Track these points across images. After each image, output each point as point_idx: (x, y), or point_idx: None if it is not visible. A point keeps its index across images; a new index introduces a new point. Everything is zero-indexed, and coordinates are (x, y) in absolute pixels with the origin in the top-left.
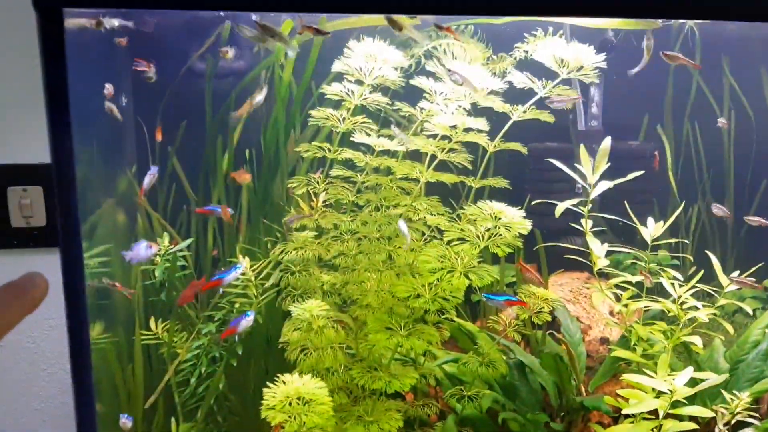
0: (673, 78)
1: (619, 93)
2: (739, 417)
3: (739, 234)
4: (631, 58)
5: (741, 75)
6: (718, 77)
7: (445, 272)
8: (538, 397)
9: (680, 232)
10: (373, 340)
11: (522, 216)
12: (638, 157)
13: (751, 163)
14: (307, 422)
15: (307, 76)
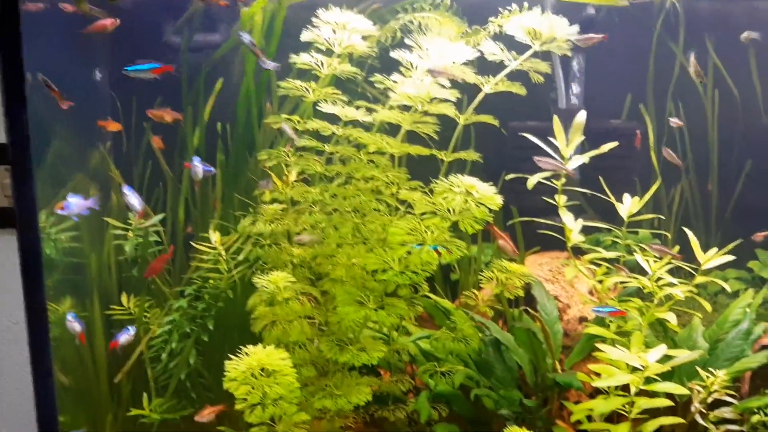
0: (655, 57)
1: (601, 72)
2: (716, 396)
3: (724, 214)
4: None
5: (726, 52)
6: (703, 55)
7: (415, 245)
8: (514, 374)
9: (663, 211)
10: (342, 313)
11: (494, 191)
12: (620, 136)
13: (736, 142)
14: (270, 394)
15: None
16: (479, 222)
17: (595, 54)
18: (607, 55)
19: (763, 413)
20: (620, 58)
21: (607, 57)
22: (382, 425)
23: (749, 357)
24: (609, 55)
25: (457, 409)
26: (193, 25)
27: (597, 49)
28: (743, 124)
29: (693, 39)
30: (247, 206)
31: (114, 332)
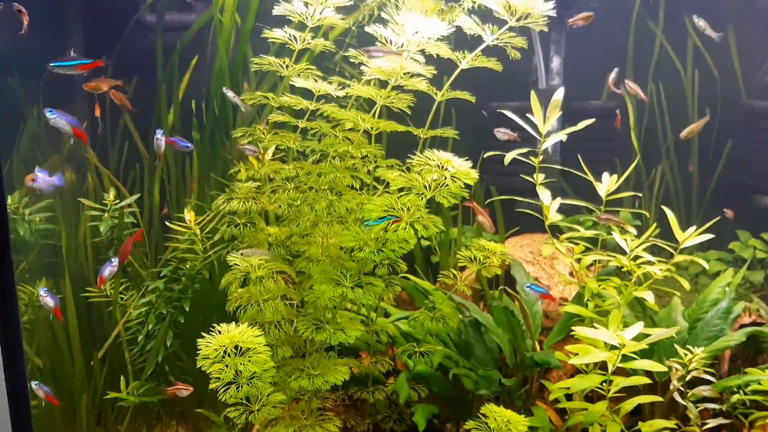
0: (634, 36)
1: (582, 51)
2: (695, 374)
3: (704, 194)
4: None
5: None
6: (683, 35)
7: (391, 222)
8: (494, 354)
9: (644, 191)
10: (318, 292)
11: (469, 166)
12: (600, 116)
13: (716, 122)
14: (243, 372)
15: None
16: (455, 197)
17: (575, 34)
18: (587, 35)
19: (743, 392)
20: (600, 38)
21: (587, 37)
22: (362, 407)
23: (728, 336)
24: (589, 36)
25: (437, 390)
26: (165, 3)
27: (577, 30)
28: (723, 105)
29: (672, 18)
30: (224, 186)
31: (91, 314)
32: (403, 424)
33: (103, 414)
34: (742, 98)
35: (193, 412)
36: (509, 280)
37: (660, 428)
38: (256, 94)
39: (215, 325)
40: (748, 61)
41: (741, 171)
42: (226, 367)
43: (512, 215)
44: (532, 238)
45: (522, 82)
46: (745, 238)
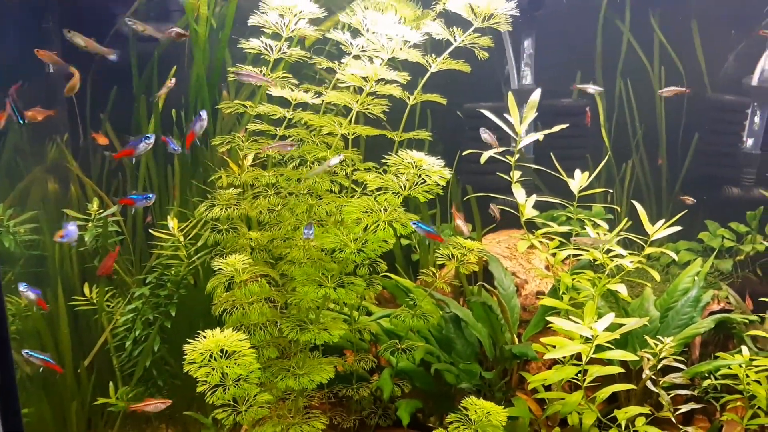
0: (602, 35)
1: (552, 51)
2: (666, 362)
3: (674, 187)
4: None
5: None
6: (649, 33)
7: (371, 222)
8: (474, 349)
9: (615, 186)
10: (301, 293)
11: (441, 164)
12: (571, 114)
13: (683, 117)
14: (229, 374)
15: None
16: (430, 192)
17: (546, 34)
18: (557, 35)
19: (714, 377)
20: (569, 37)
21: (556, 37)
22: (348, 404)
23: (698, 323)
24: (559, 35)
25: (420, 385)
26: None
27: (547, 30)
28: (689, 99)
29: (639, 16)
30: (206, 193)
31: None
32: (387, 419)
33: (93, 420)
34: (707, 92)
35: (182, 415)
36: (487, 276)
37: (634, 415)
38: (234, 103)
39: (202, 330)
40: (713, 57)
41: (708, 163)
42: (213, 371)
43: (489, 212)
44: (509, 234)
45: (495, 83)
46: (713, 228)
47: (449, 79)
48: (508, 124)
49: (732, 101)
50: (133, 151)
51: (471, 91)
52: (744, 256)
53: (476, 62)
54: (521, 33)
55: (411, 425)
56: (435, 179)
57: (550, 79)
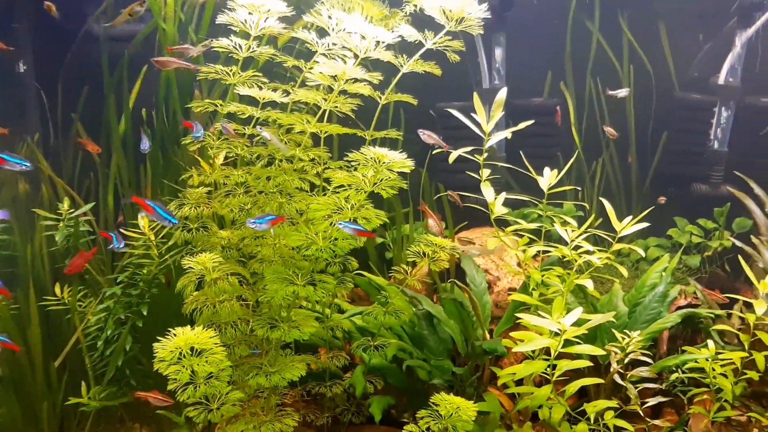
0: (572, 35)
1: (523, 51)
2: (633, 356)
3: (643, 184)
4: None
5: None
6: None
7: (335, 219)
8: (447, 345)
9: (585, 183)
10: (271, 291)
11: (403, 157)
12: (542, 113)
13: (652, 114)
14: (198, 372)
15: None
16: (394, 188)
17: (516, 34)
18: (528, 35)
19: (681, 371)
20: (540, 37)
21: (527, 37)
22: (321, 401)
23: (665, 318)
24: (529, 35)
25: (392, 381)
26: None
27: (517, 30)
28: (658, 98)
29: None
30: (177, 192)
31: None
32: (361, 415)
33: (66, 420)
34: (675, 91)
35: (156, 414)
36: (460, 273)
37: (603, 408)
38: (204, 102)
39: (173, 329)
40: (680, 56)
41: (677, 161)
42: (183, 368)
43: (463, 210)
44: (481, 232)
45: (468, 83)
46: (682, 224)
47: (422, 78)
48: (476, 123)
49: (699, 100)
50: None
51: (444, 90)
52: (712, 252)
53: (449, 62)
54: (492, 33)
55: (384, 421)
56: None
57: (522, 78)
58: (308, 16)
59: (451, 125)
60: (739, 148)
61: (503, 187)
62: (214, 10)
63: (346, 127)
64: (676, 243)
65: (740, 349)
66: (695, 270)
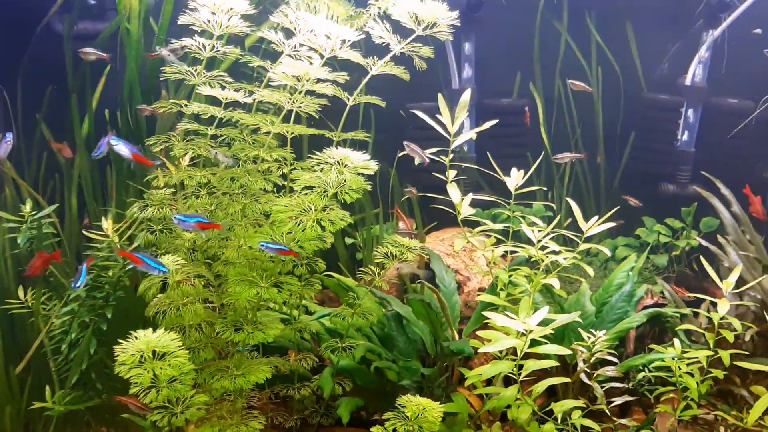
0: (540, 35)
1: (492, 52)
2: (601, 355)
3: (612, 184)
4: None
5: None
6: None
7: (298, 222)
8: (416, 346)
9: (554, 183)
10: (234, 294)
11: (367, 158)
12: (511, 113)
13: (620, 115)
14: (160, 375)
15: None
16: (357, 191)
17: (485, 35)
18: (497, 35)
19: (648, 370)
20: (509, 38)
21: (496, 38)
22: (290, 404)
23: (631, 317)
24: (498, 36)
25: (361, 383)
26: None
27: (486, 31)
28: (626, 99)
29: (576, 18)
30: (143, 193)
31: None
32: (330, 417)
33: (31, 425)
34: (643, 92)
35: (123, 418)
36: (430, 273)
37: (570, 408)
38: (168, 102)
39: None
40: (648, 57)
41: (645, 161)
42: (145, 372)
43: (433, 211)
44: (452, 232)
45: (438, 83)
46: (650, 224)
47: (393, 78)
48: (441, 124)
49: (667, 100)
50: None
51: (415, 91)
52: (680, 252)
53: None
54: (461, 34)
55: (354, 423)
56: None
57: (491, 79)
58: (274, 16)
59: (421, 125)
60: (706, 149)
61: (474, 187)
62: (177, 8)
63: (318, 128)
64: (644, 242)
65: (706, 348)
66: (663, 269)
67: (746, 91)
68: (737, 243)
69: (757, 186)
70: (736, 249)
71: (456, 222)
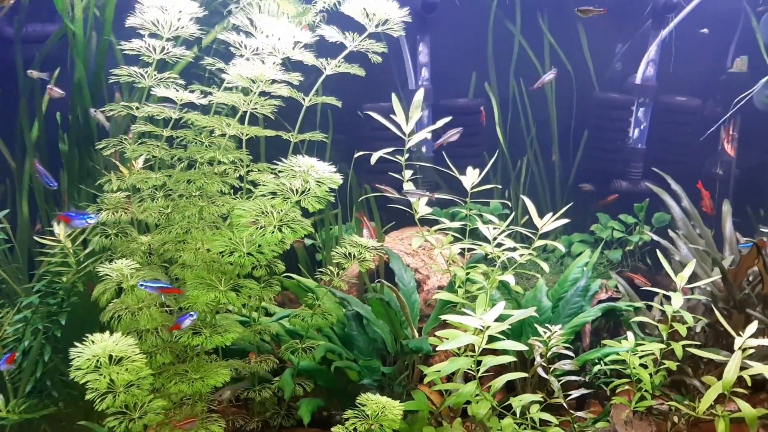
0: (493, 35)
1: (447, 52)
2: (557, 350)
3: (567, 181)
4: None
5: (560, 31)
6: (538, 34)
7: (259, 226)
8: (376, 345)
9: (510, 182)
10: (192, 298)
11: (332, 170)
12: (467, 113)
13: (573, 113)
14: (117, 380)
15: (105, 35)
16: (320, 201)
17: (440, 36)
18: (451, 36)
19: (603, 363)
20: (464, 39)
21: (451, 38)
22: (251, 406)
23: (586, 312)
24: (453, 37)
25: (322, 383)
26: (22, 15)
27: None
28: (578, 98)
29: (528, 18)
30: (96, 197)
31: None
32: (291, 419)
33: None
34: (595, 91)
35: (80, 426)
36: (389, 273)
37: (528, 402)
38: (119, 104)
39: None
40: (599, 56)
41: (598, 158)
42: (101, 377)
43: (391, 210)
44: (411, 231)
45: (395, 84)
46: (604, 220)
47: (349, 79)
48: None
49: (618, 99)
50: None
51: (372, 91)
52: (633, 246)
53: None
54: (416, 35)
55: (315, 423)
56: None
57: (447, 79)
58: (233, 18)
59: (378, 125)
60: (657, 146)
61: (432, 187)
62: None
63: (275, 129)
64: (598, 238)
65: (659, 340)
66: (617, 264)
67: (694, 89)
68: (687, 237)
69: (706, 182)
70: (686, 243)
71: (414, 221)
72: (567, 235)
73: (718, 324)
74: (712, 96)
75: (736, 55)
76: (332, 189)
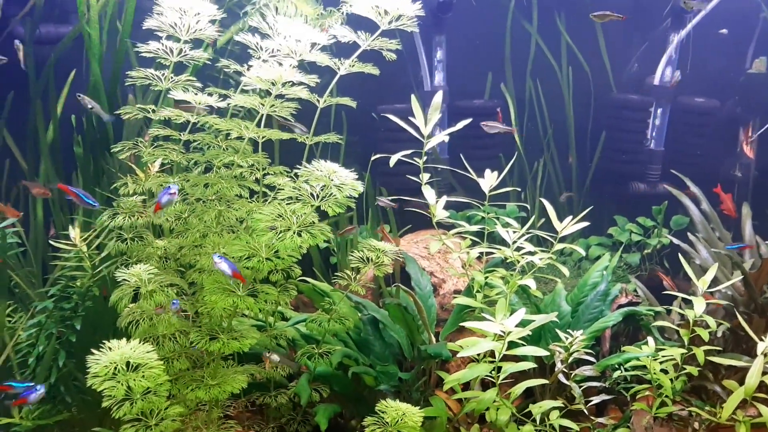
0: (510, 37)
1: (463, 53)
2: (578, 355)
3: (584, 183)
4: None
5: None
6: (556, 35)
7: (278, 231)
8: (393, 350)
9: (527, 184)
10: (210, 303)
11: (354, 177)
12: (483, 114)
13: (591, 114)
14: (135, 387)
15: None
16: (341, 206)
17: (456, 37)
18: (468, 37)
19: (624, 368)
20: (480, 39)
21: (467, 39)
22: (267, 412)
23: (607, 317)
24: (469, 37)
25: (339, 389)
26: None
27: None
28: (596, 99)
29: (545, 19)
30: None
31: None
32: (307, 425)
33: None
34: (612, 92)
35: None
36: (405, 277)
37: (548, 408)
38: (134, 107)
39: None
40: (617, 57)
41: (615, 160)
42: (119, 384)
43: (406, 213)
44: (426, 234)
45: (410, 85)
46: (622, 223)
47: (365, 80)
48: (414, 126)
49: (636, 100)
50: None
51: (388, 93)
52: (651, 250)
53: (392, 64)
54: (432, 35)
55: (331, 430)
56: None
57: (463, 80)
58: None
59: (393, 127)
60: (675, 147)
61: (447, 189)
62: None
63: (289, 131)
64: (616, 241)
65: (679, 345)
66: (635, 268)
67: (712, 91)
68: (707, 240)
69: (725, 184)
70: (706, 246)
71: (429, 224)
72: (584, 238)
73: (739, 328)
74: (731, 97)
75: (755, 56)
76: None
